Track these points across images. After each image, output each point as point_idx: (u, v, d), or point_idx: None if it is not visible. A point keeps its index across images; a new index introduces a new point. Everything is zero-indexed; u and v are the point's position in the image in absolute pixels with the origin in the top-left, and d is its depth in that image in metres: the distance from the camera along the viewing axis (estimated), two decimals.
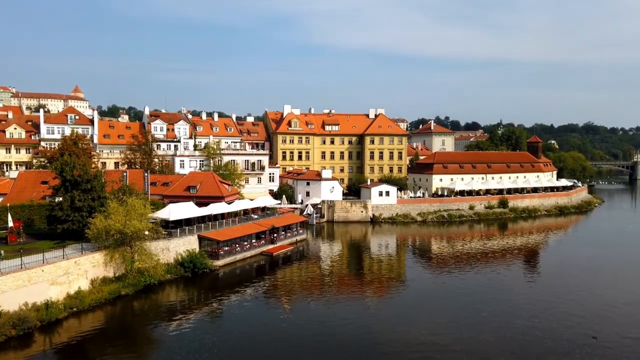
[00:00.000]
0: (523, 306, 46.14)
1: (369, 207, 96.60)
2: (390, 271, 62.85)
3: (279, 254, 66.95)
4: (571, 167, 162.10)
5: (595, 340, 37.38)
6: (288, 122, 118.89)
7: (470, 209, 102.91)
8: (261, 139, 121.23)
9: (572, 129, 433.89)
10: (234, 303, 47.66)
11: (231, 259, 61.49)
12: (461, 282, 55.09)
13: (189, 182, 73.62)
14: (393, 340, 38.10)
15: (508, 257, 69.50)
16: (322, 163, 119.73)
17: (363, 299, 49.32)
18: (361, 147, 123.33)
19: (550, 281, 55.80)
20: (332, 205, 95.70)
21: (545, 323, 41.38)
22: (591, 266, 63.55)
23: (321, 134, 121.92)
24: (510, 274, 60.11)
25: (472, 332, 39.54)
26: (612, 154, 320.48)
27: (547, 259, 70.91)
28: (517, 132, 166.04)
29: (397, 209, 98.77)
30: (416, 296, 50.17)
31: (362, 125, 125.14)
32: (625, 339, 38.14)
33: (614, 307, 46.04)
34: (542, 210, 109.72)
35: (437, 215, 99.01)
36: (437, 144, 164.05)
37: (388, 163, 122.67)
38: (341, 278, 57.98)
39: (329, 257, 70.03)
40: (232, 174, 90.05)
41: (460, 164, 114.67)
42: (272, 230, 70.09)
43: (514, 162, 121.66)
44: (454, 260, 66.53)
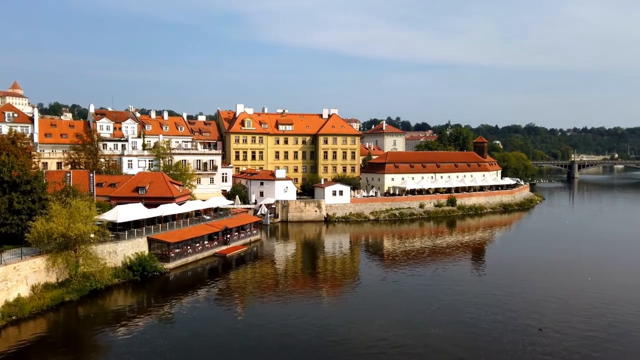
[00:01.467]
0: (471, 300, 47.95)
1: (322, 206, 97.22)
2: (344, 269, 63.58)
3: (233, 255, 66.15)
4: (514, 166, 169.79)
5: (541, 332, 39.19)
6: (241, 122, 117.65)
7: (420, 207, 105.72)
8: (213, 138, 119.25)
9: (515, 129, 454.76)
10: (186, 306, 46.67)
11: (182, 261, 60.13)
12: (412, 278, 56.54)
13: (137, 182, 71.34)
14: (347, 337, 38.60)
15: (456, 253, 71.99)
16: (276, 163, 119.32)
17: (317, 298, 49.61)
18: (315, 147, 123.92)
19: (496, 275, 58.29)
20: (286, 205, 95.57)
21: (491, 315, 43.20)
22: (534, 260, 66.90)
23: (275, 134, 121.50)
24: (459, 269, 62.30)
25: (423, 326, 40.71)
26: (551, 154, 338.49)
27: (492, 254, 74.06)
28: (465, 132, 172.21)
29: (351, 208, 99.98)
30: (369, 293, 51.02)
31: (316, 125, 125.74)
32: (568, 330, 40.33)
33: (557, 298, 48.68)
34: (487, 207, 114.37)
35: (389, 214, 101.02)
36: (389, 144, 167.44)
37: (341, 163, 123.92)
38: (295, 278, 58.07)
39: (283, 257, 69.94)
40: (183, 174, 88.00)
41: (411, 164, 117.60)
42: (225, 231, 69.14)
43: (462, 161, 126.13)
44: (406, 258, 68.17)
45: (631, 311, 44.74)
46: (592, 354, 35.66)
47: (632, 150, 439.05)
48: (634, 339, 38.68)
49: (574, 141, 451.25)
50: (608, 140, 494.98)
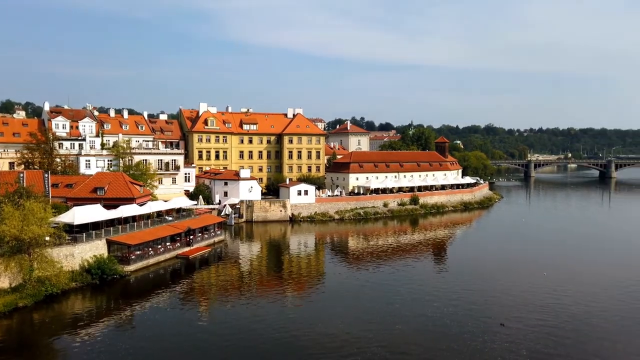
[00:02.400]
0: (433, 295, 49.01)
1: (288, 206, 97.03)
2: (309, 269, 63.71)
3: (196, 257, 65.08)
4: (474, 165, 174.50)
5: (503, 326, 40.35)
6: (204, 121, 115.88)
7: (384, 206, 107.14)
8: (176, 137, 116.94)
9: (475, 130, 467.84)
10: (148, 309, 45.59)
11: (144, 263, 58.68)
12: (376, 276, 57.27)
13: (95, 183, 69.11)
14: (312, 336, 38.69)
15: (419, 250, 73.40)
16: (241, 162, 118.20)
17: (282, 298, 49.48)
18: (280, 146, 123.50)
19: (458, 272, 59.79)
20: (251, 205, 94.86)
21: (453, 311, 44.29)
22: (493, 257, 69.07)
23: (239, 133, 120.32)
24: (422, 266, 63.55)
25: (387, 324, 41.31)
26: (509, 154, 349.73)
27: (454, 251, 75.94)
28: (427, 132, 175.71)
29: (316, 207, 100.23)
30: (334, 292, 51.31)
31: (281, 125, 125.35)
32: (527, 323, 41.79)
33: (516, 293, 50.43)
34: (449, 206, 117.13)
35: (353, 213, 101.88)
36: (354, 143, 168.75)
37: (306, 162, 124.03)
38: (260, 278, 57.73)
39: (248, 258, 69.39)
40: (144, 175, 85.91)
41: (375, 163, 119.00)
42: (188, 232, 67.95)
43: (424, 161, 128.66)
44: (370, 256, 68.95)
45: (584, 303, 46.85)
46: (549, 345, 37.06)
47: (584, 150, 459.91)
48: (586, 330, 40.49)
49: (530, 141, 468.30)
50: (562, 140, 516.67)
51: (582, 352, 36.21)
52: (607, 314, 44.05)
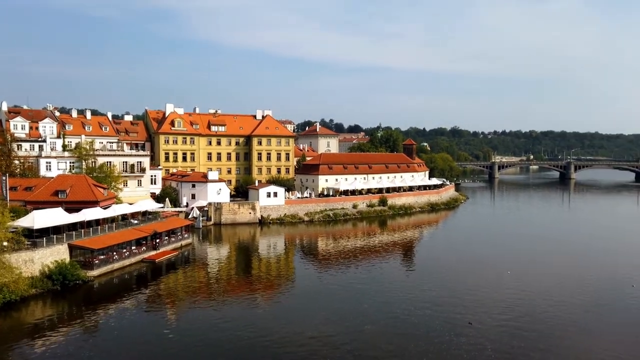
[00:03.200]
0: (402, 296, 49.65)
1: (257, 208, 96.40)
2: (279, 271, 63.50)
3: (162, 260, 63.81)
4: (441, 167, 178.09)
5: (471, 325, 41.18)
6: (171, 122, 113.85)
7: (353, 207, 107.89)
8: (141, 139, 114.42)
9: (442, 132, 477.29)
10: (113, 315, 44.39)
11: (108, 268, 57.12)
12: (346, 277, 57.58)
13: (57, 186, 66.85)
14: (281, 338, 38.55)
15: (388, 251, 74.26)
16: (209, 164, 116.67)
17: (251, 301, 49.11)
18: (249, 148, 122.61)
19: (425, 272, 60.83)
20: (220, 208, 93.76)
21: (420, 311, 44.97)
22: (460, 256, 70.55)
23: (207, 135, 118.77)
24: (390, 266, 64.30)
25: (356, 324, 41.59)
26: (474, 155, 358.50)
27: (421, 251, 77.20)
28: (395, 134, 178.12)
29: (285, 209, 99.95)
30: (304, 294, 51.31)
31: (250, 126, 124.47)
32: (493, 321, 42.85)
33: (481, 292, 51.64)
34: (416, 207, 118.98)
35: (323, 215, 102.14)
36: (323, 145, 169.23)
37: (276, 164, 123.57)
38: (229, 281, 57.13)
39: (216, 261, 68.55)
40: (108, 177, 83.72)
41: (344, 165, 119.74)
42: (154, 235, 66.58)
43: (392, 162, 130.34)
44: (339, 257, 69.28)
45: (546, 301, 48.43)
46: (513, 343, 38.07)
47: (546, 152, 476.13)
48: (549, 327, 41.78)
49: (494, 143, 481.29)
50: (524, 142, 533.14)
51: (544, 350, 37.35)
52: (567, 312, 45.65)
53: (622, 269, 61.65)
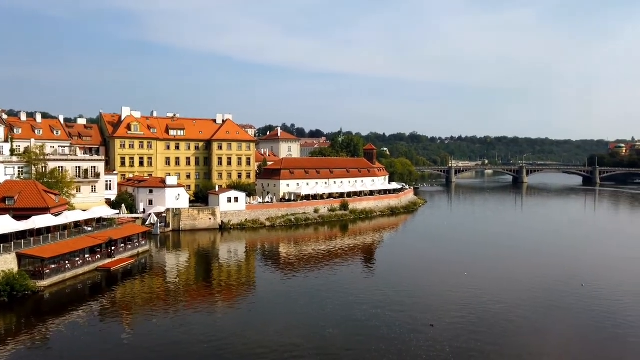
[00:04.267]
0: (362, 299, 50.07)
1: (217, 214, 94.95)
2: (240, 277, 62.73)
3: (118, 269, 61.74)
4: (400, 171, 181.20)
5: (433, 327, 41.88)
6: (127, 126, 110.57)
7: (315, 212, 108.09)
8: (96, 143, 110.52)
9: (401, 137, 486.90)
10: (65, 326, 42.49)
11: (60, 277, 54.70)
12: (308, 282, 57.55)
13: (4, 192, 63.56)
14: (242, 345, 38.07)
15: (349, 255, 74.80)
16: (167, 169, 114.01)
17: (212, 308, 48.26)
18: (209, 152, 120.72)
19: (386, 275, 61.67)
20: (178, 214, 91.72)
21: (381, 313, 45.51)
22: (419, 259, 72.02)
23: (165, 139, 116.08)
24: (351, 270, 64.76)
25: (319, 328, 41.65)
26: (432, 160, 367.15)
27: (382, 255, 78.23)
28: (355, 139, 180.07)
29: (246, 214, 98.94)
30: (265, 299, 50.89)
31: (209, 131, 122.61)
32: (451, 323, 43.90)
33: (440, 294, 52.86)
34: (377, 211, 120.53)
35: (285, 220, 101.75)
36: (284, 150, 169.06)
37: (236, 169, 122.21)
38: (188, 288, 55.89)
39: (174, 268, 66.97)
40: (60, 183, 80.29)
41: (306, 170, 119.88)
42: (110, 243, 64.36)
43: (353, 167, 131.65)
44: (301, 262, 69.19)
45: (501, 301, 50.10)
46: (470, 343, 39.13)
47: (499, 157, 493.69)
48: (504, 326, 43.26)
49: (451, 148, 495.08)
50: (480, 147, 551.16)
51: (499, 348, 38.60)
52: (521, 311, 47.35)
53: (571, 269, 64.53)
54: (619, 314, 46.30)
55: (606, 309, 47.76)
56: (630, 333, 41.54)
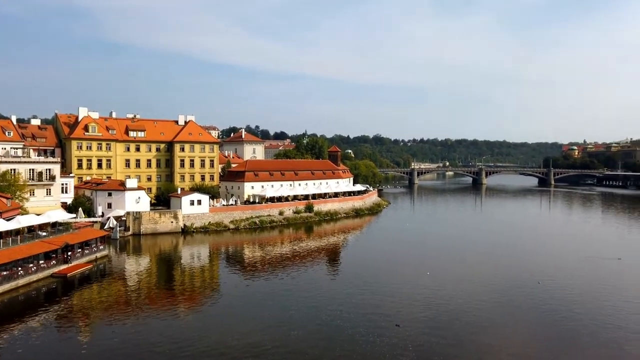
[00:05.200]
0: (327, 300, 50.23)
1: (179, 217, 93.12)
2: (203, 281, 61.73)
3: (75, 275, 59.57)
4: (364, 173, 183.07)
5: (398, 327, 42.28)
6: (84, 127, 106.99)
7: (280, 214, 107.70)
8: (51, 144, 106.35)
9: (365, 139, 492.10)
10: (18, 336, 40.54)
11: (12, 285, 52.25)
12: (272, 284, 57.25)
13: None
14: (205, 349, 37.42)
15: (314, 257, 74.91)
16: (127, 172, 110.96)
17: (174, 313, 47.22)
18: (170, 154, 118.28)
19: (351, 276, 62.06)
20: (139, 217, 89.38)
21: (346, 314, 45.80)
22: (383, 260, 72.88)
23: (125, 140, 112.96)
24: (316, 272, 64.88)
25: (283, 330, 41.50)
26: (395, 162, 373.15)
27: (347, 256, 78.78)
28: (320, 142, 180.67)
29: (210, 217, 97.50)
30: (229, 303, 50.29)
31: (171, 132, 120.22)
32: (416, 321, 44.56)
33: (403, 294, 53.56)
34: (342, 213, 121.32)
35: (249, 222, 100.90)
36: (248, 152, 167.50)
37: (199, 171, 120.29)
38: (149, 294, 54.50)
39: (135, 273, 65.18)
40: (11, 186, 76.74)
41: (270, 172, 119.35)
42: (66, 248, 62.00)
43: (318, 169, 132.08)
44: (266, 265, 68.76)
45: (462, 298, 51.36)
46: (432, 341, 39.92)
47: (460, 159, 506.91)
48: (465, 323, 44.35)
49: (414, 151, 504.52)
50: (441, 150, 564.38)
51: (461, 346, 39.55)
52: (481, 309, 48.70)
53: (528, 268, 66.84)
54: (573, 310, 48.30)
55: (561, 305, 49.72)
56: (582, 328, 43.43)
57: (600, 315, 46.59)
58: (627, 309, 48.69)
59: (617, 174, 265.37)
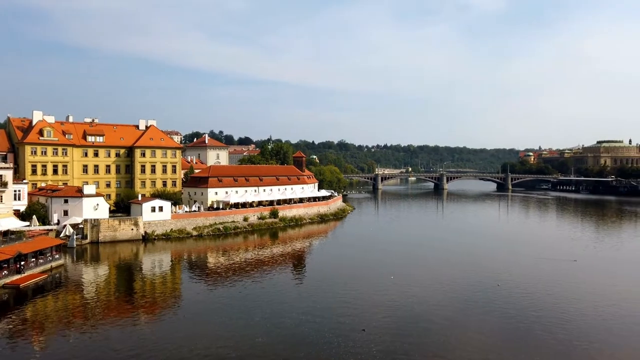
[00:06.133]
0: (293, 306, 50.06)
1: (140, 224, 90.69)
2: (165, 290, 60.28)
3: (28, 285, 56.98)
4: (329, 179, 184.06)
5: (364, 332, 42.49)
6: (39, 131, 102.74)
7: (244, 220, 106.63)
8: (2, 149, 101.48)
9: (329, 145, 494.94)
10: None
11: None
12: (237, 291, 56.54)
13: None
14: (167, 358, 36.57)
15: (279, 263, 74.52)
16: (84, 178, 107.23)
17: (134, 323, 45.86)
18: (131, 160, 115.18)
19: (316, 281, 62.06)
20: (97, 225, 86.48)
21: (311, 320, 45.75)
22: (348, 265, 73.29)
23: (82, 146, 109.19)
24: (281, 278, 64.54)
25: (247, 337, 41.03)
26: (360, 168, 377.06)
27: (312, 262, 78.71)
28: (285, 147, 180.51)
29: (172, 224, 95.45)
30: (193, 311, 49.25)
31: (132, 137, 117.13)
32: (380, 325, 44.98)
33: (368, 299, 54.00)
34: (307, 218, 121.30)
35: (213, 229, 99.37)
36: (212, 157, 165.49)
37: (161, 177, 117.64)
38: (108, 304, 52.70)
39: (93, 283, 62.94)
40: None
41: (235, 177, 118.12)
42: (18, 257, 59.23)
43: (283, 175, 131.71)
44: (230, 272, 67.83)
45: (425, 301, 52.31)
46: (396, 344, 40.42)
47: (422, 165, 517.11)
48: (427, 324, 45.14)
49: (378, 156, 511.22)
50: (404, 155, 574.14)
51: (424, 348, 40.20)
52: (443, 310, 49.73)
53: (488, 269, 68.80)
54: (530, 309, 50.00)
55: (519, 306, 51.39)
56: (538, 326, 44.99)
57: (554, 313, 48.44)
58: (579, 308, 50.80)
59: (570, 179, 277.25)
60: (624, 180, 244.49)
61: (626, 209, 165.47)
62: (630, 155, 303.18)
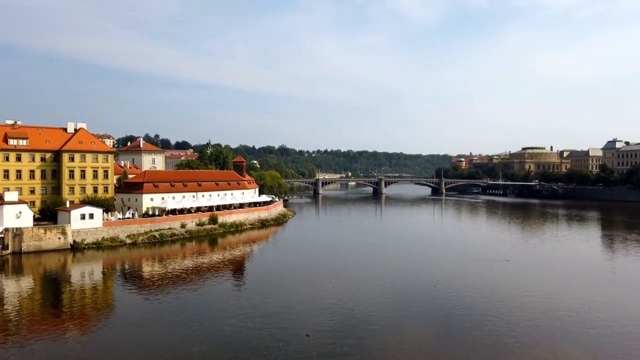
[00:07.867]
0: (232, 314, 49.12)
1: (68, 232, 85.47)
2: (95, 301, 57.12)
3: None
4: (270, 184, 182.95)
5: (308, 337, 42.39)
6: None
7: (182, 227, 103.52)
8: None
9: (270, 150, 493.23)
10: None
11: None
12: (173, 300, 54.68)
13: None
14: None
15: (218, 270, 72.95)
16: (6, 184, 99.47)
17: (61, 338, 43.01)
18: (58, 165, 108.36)
19: (256, 287, 61.33)
20: (20, 234, 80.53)
21: (251, 326, 45.11)
22: (288, 270, 73.08)
23: (4, 149, 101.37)
24: (221, 285, 63.22)
25: (184, 348, 39.75)
26: (301, 173, 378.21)
27: (252, 268, 77.76)
28: (225, 152, 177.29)
29: (104, 232, 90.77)
30: (126, 324, 47.04)
31: (59, 141, 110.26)
32: (322, 328, 45.03)
33: (310, 302, 54.04)
34: (247, 224, 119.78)
35: (148, 236, 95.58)
36: (147, 162, 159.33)
37: (92, 182, 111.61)
38: (32, 319, 49.11)
39: (15, 296, 58.39)
40: None
41: (172, 183, 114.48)
42: None
43: (222, 180, 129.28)
44: (166, 281, 65.49)
45: (365, 303, 53.14)
46: (336, 349, 40.74)
47: (361, 170, 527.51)
48: (367, 326, 45.84)
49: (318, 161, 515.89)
50: (344, 161, 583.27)
51: (364, 350, 40.84)
52: (382, 312, 50.75)
53: (425, 271, 70.92)
54: (466, 309, 52.15)
55: (456, 306, 53.42)
56: (474, 324, 47.10)
57: (488, 311, 50.87)
58: (512, 305, 53.72)
59: (498, 183, 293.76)
60: (546, 185, 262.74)
61: (548, 211, 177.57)
62: (552, 160, 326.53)
